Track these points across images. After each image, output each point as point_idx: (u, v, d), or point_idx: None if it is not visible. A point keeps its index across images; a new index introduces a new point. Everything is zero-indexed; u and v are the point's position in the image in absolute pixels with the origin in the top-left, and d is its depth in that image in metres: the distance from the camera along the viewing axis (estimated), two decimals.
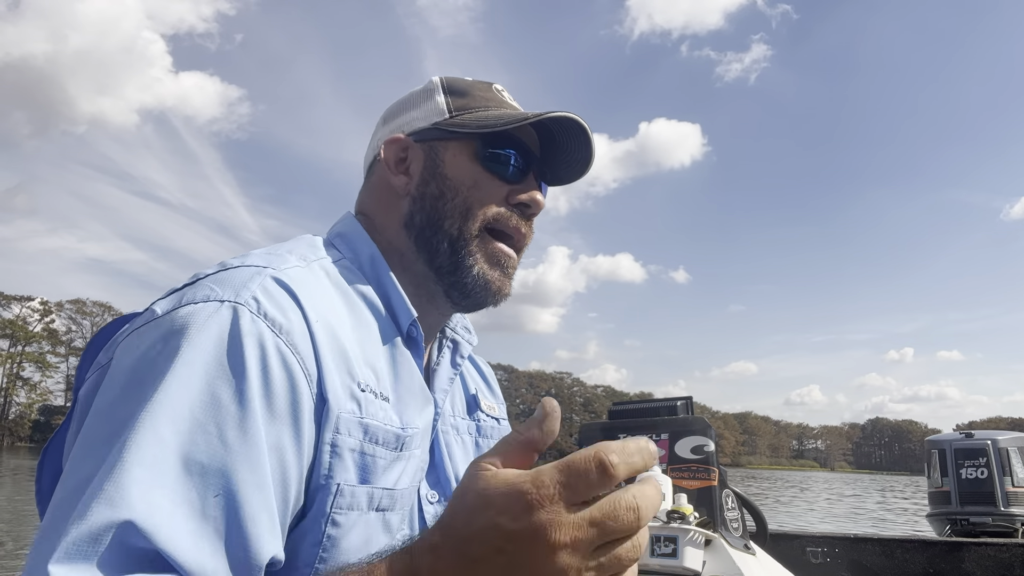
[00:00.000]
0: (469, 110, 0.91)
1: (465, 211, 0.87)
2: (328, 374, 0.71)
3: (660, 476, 2.02)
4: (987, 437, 9.42)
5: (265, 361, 0.66)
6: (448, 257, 0.87)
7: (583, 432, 2.43)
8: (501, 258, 0.89)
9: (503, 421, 1.07)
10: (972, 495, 9.21)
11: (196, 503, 0.58)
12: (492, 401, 1.08)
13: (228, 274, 0.72)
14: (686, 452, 2.13)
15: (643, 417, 2.29)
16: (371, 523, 0.74)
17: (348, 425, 0.72)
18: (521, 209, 0.90)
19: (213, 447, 0.60)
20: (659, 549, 1.74)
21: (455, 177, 0.88)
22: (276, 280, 0.72)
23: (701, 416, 2.18)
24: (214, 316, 0.66)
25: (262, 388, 0.65)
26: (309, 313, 0.72)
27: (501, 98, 0.95)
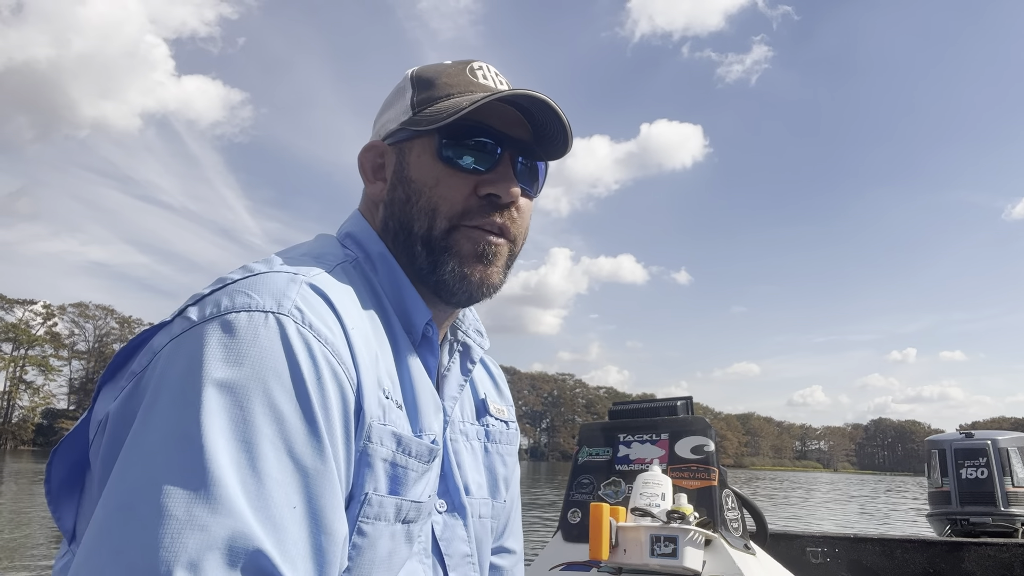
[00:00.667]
0: (432, 102, 0.85)
1: (431, 211, 0.83)
2: (365, 382, 0.70)
3: (660, 476, 2.02)
4: (987, 437, 9.42)
5: (318, 373, 0.65)
6: (425, 259, 0.84)
7: (583, 432, 2.44)
8: (479, 247, 0.83)
9: (512, 424, 1.06)
10: (972, 495, 9.20)
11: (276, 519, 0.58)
12: (501, 404, 1.06)
13: (261, 280, 0.69)
14: (686, 452, 2.13)
15: (643, 417, 2.29)
16: (396, 534, 0.74)
17: (380, 434, 0.71)
18: (491, 200, 0.84)
19: (283, 462, 0.60)
20: (659, 549, 1.75)
21: (419, 178, 0.85)
22: (312, 287, 0.71)
23: (701, 416, 2.19)
24: (263, 327, 0.64)
25: (320, 400, 0.64)
26: (346, 321, 0.71)
27: (471, 79, 0.87)
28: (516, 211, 0.86)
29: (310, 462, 0.62)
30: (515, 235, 0.87)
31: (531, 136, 0.87)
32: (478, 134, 0.84)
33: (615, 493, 2.20)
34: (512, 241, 0.87)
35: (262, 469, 0.58)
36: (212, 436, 0.57)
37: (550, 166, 0.93)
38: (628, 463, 2.23)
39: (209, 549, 0.53)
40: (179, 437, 0.57)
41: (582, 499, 2.24)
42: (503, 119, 0.85)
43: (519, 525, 1.10)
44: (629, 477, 2.14)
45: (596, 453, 2.32)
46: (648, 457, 2.19)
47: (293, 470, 0.60)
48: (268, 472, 0.58)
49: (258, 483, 0.58)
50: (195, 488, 0.55)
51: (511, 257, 0.88)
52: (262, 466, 0.58)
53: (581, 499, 2.24)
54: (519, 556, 1.09)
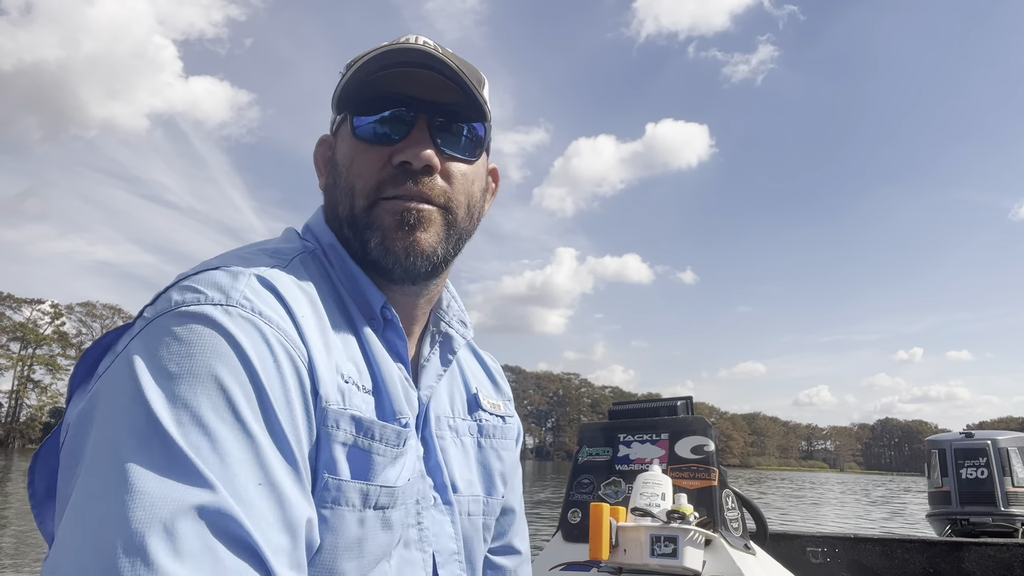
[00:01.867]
0: (346, 82, 0.84)
1: (350, 191, 0.83)
2: (318, 366, 0.71)
3: (660, 476, 2.02)
4: (987, 437, 9.42)
5: (272, 355, 0.67)
6: (355, 240, 0.83)
7: (583, 432, 2.43)
8: (400, 215, 0.81)
9: (510, 419, 1.04)
10: (972, 495, 9.21)
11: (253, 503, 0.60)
12: (497, 399, 1.04)
13: (211, 275, 0.72)
14: (686, 452, 2.13)
15: (643, 417, 2.29)
16: (367, 521, 0.73)
17: (337, 417, 0.72)
18: (404, 168, 0.81)
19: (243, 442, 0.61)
20: (659, 549, 1.75)
21: (341, 161, 0.84)
22: (259, 278, 0.72)
23: (701, 416, 2.19)
24: (213, 319, 0.66)
25: (274, 381, 0.66)
26: (295, 309, 0.72)
27: (384, 49, 0.83)
28: (443, 176, 0.83)
29: (266, 440, 0.63)
30: (446, 201, 0.83)
31: (456, 97, 0.83)
32: (388, 104, 0.82)
33: (615, 493, 2.20)
34: (444, 207, 0.83)
35: (224, 450, 0.60)
36: (171, 425, 0.59)
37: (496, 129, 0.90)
38: (628, 463, 2.23)
39: (182, 515, 0.55)
40: (142, 428, 0.59)
41: (582, 499, 2.24)
42: (420, 85, 0.82)
43: (524, 525, 1.09)
44: (629, 477, 2.14)
45: (596, 453, 2.32)
46: (648, 457, 2.19)
47: (252, 449, 0.61)
48: (229, 452, 0.60)
49: (222, 463, 0.59)
50: (163, 469, 0.57)
51: (452, 226, 0.85)
52: (224, 447, 0.60)
53: (581, 499, 2.24)
54: (525, 556, 1.08)
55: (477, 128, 0.87)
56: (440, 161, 0.82)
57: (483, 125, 0.87)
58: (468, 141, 0.86)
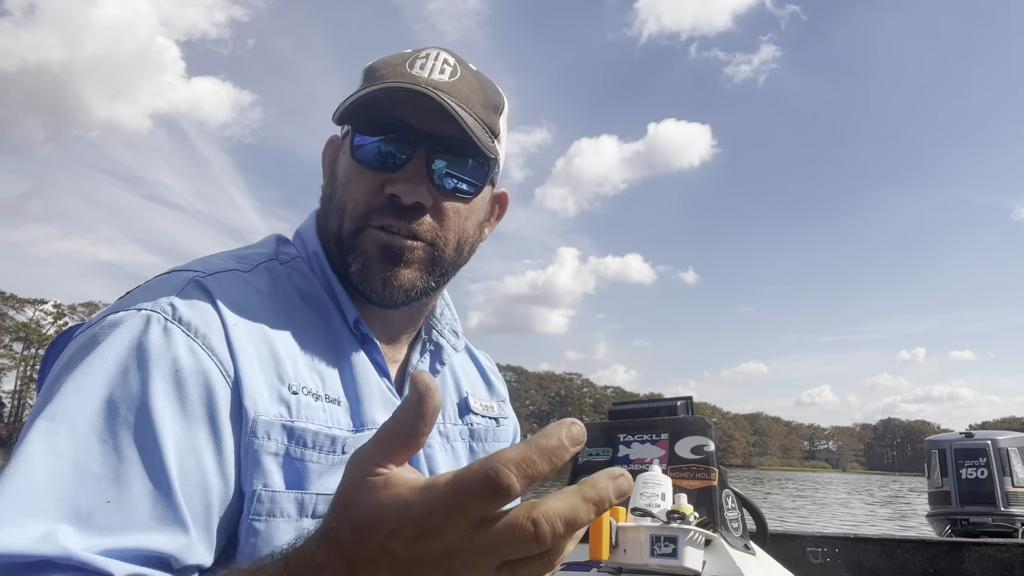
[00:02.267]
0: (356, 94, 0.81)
1: (341, 210, 0.82)
2: (246, 377, 0.70)
3: (660, 476, 2.02)
4: (987, 437, 9.41)
5: (176, 364, 0.66)
6: (339, 259, 0.83)
7: None
8: (383, 248, 0.80)
9: (504, 421, 1.03)
10: (972, 495, 9.20)
11: (83, 510, 0.58)
12: (490, 400, 1.03)
13: (156, 281, 0.73)
14: (686, 452, 2.13)
15: (643, 417, 2.29)
16: (306, 530, 0.72)
17: (267, 428, 0.70)
18: (393, 200, 0.79)
19: (107, 455, 0.60)
20: (659, 549, 1.74)
21: (340, 175, 0.84)
22: (198, 284, 0.73)
23: (701, 416, 2.18)
24: (125, 324, 0.67)
25: (171, 392, 0.65)
26: (227, 317, 0.71)
27: (400, 69, 0.80)
28: (433, 213, 0.81)
29: (133, 455, 0.61)
30: (433, 238, 0.82)
31: (459, 132, 0.79)
32: (389, 130, 0.79)
33: None
34: (431, 244, 0.82)
35: (81, 461, 0.59)
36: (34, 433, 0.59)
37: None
38: (628, 463, 2.23)
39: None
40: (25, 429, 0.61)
41: None
42: (425, 114, 0.79)
43: None
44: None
45: (596, 453, 2.32)
46: (648, 457, 2.19)
47: (111, 465, 0.60)
48: (82, 463, 0.59)
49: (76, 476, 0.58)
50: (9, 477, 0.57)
51: (436, 262, 0.83)
52: (81, 457, 0.59)
53: None
54: None
55: (481, 163, 0.83)
56: (433, 198, 0.80)
57: (488, 160, 0.84)
58: (468, 178, 0.83)
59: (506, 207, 0.96)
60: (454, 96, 0.79)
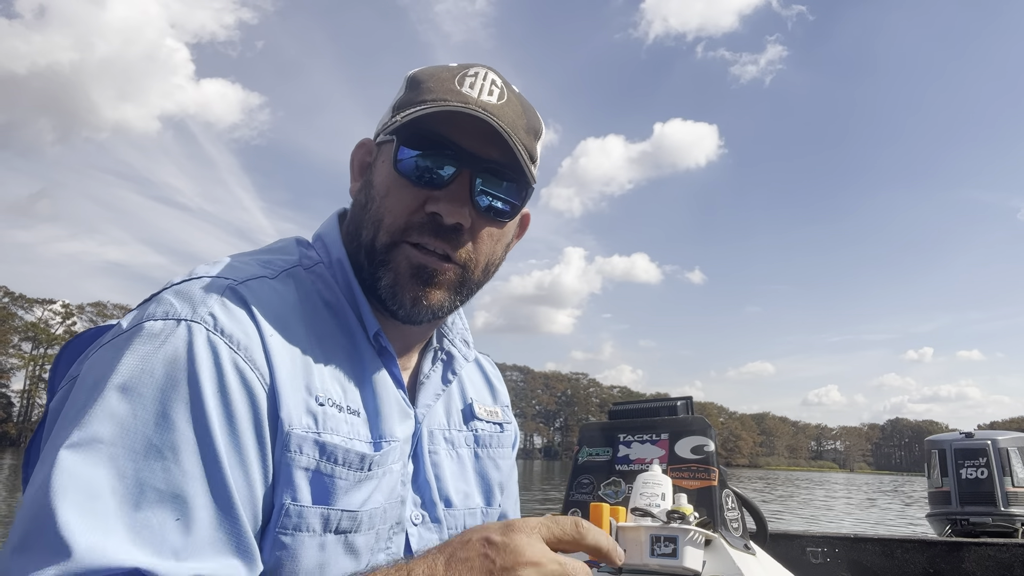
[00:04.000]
0: (407, 107, 0.80)
1: (377, 222, 0.81)
2: (282, 389, 0.70)
3: (660, 476, 2.02)
4: (987, 437, 9.41)
5: (223, 379, 0.66)
6: (368, 270, 0.82)
7: (583, 432, 2.43)
8: (416, 266, 0.80)
9: (508, 426, 1.03)
10: (972, 495, 9.20)
11: (156, 529, 0.59)
12: (493, 406, 1.03)
13: (188, 286, 0.72)
14: (686, 452, 2.13)
15: (643, 417, 2.29)
16: (328, 546, 0.73)
17: (300, 442, 0.71)
18: (435, 219, 0.79)
19: (170, 471, 0.60)
20: (659, 549, 1.74)
21: (378, 184, 0.83)
22: (234, 292, 0.72)
23: (701, 416, 2.18)
24: (171, 336, 0.66)
25: (221, 407, 0.65)
26: (264, 327, 0.71)
27: (453, 87, 0.80)
28: (469, 235, 0.81)
29: (196, 472, 0.62)
30: (466, 261, 0.82)
31: (503, 156, 0.80)
32: (436, 147, 0.79)
33: (615, 493, 2.20)
34: (463, 266, 0.82)
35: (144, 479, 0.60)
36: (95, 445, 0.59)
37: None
38: (628, 463, 2.23)
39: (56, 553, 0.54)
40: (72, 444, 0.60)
41: (582, 499, 2.23)
42: (472, 135, 0.79)
43: None
44: (629, 477, 2.13)
45: (596, 453, 2.32)
46: (648, 457, 2.19)
47: (175, 482, 0.61)
48: (146, 481, 0.60)
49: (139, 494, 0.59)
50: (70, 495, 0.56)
51: (464, 283, 0.84)
52: (144, 476, 0.60)
53: (581, 499, 2.24)
54: None
55: (520, 188, 0.84)
56: (472, 220, 0.81)
57: (528, 186, 0.84)
58: (506, 202, 0.84)
59: (527, 227, 0.97)
60: (502, 120, 0.79)
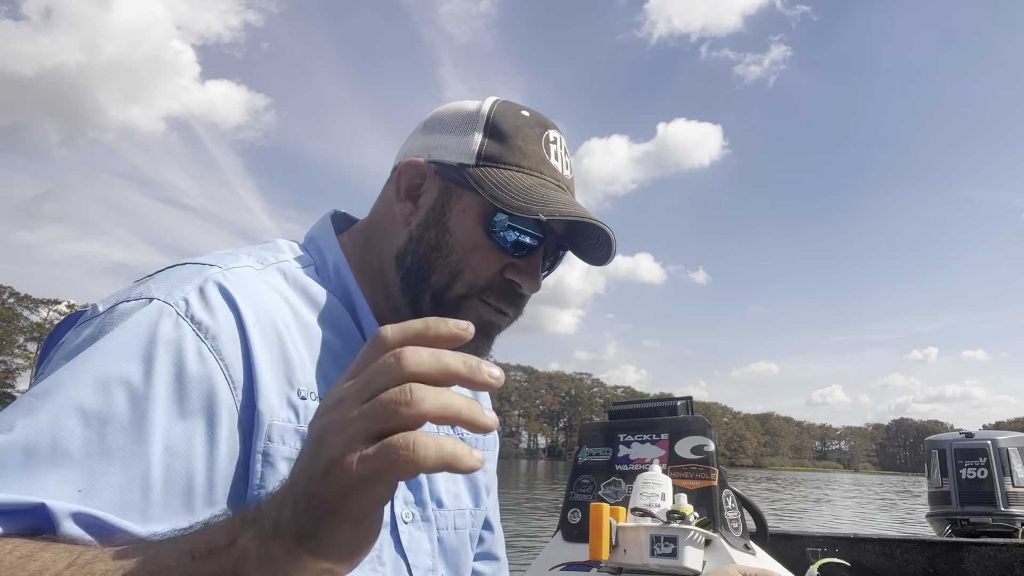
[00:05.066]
0: (499, 164, 0.82)
1: (456, 272, 0.82)
2: (260, 381, 0.70)
3: (660, 476, 2.02)
4: (987, 437, 9.42)
5: (180, 363, 0.65)
6: (429, 310, 0.83)
7: (583, 432, 2.43)
8: (485, 322, 0.84)
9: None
10: (972, 495, 9.21)
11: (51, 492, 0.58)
12: None
13: (172, 272, 0.72)
14: (686, 452, 2.13)
15: (643, 417, 2.29)
16: None
17: (282, 433, 0.70)
18: (512, 286, 0.84)
19: (90, 442, 0.60)
20: (659, 549, 1.74)
21: (457, 233, 0.82)
22: (216, 281, 0.71)
23: (701, 416, 2.18)
24: (135, 314, 0.66)
25: (172, 390, 0.64)
26: (246, 317, 0.71)
27: (544, 156, 0.84)
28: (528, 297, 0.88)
29: (121, 448, 0.61)
30: (518, 315, 0.88)
31: (567, 230, 0.88)
32: (532, 226, 0.83)
33: (615, 493, 2.20)
34: (512, 319, 0.88)
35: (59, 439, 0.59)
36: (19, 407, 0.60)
37: None
38: (628, 463, 2.23)
39: None
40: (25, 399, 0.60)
41: (582, 499, 2.23)
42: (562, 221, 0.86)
43: (501, 532, 1.11)
44: (629, 477, 2.13)
45: (596, 453, 2.32)
46: (648, 457, 2.19)
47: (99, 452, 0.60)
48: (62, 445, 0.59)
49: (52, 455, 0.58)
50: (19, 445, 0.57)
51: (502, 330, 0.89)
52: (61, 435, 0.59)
53: (581, 499, 2.24)
54: (503, 563, 1.10)
55: (563, 255, 0.92)
56: None
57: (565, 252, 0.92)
58: (555, 267, 0.92)
59: None
60: (572, 195, 0.88)
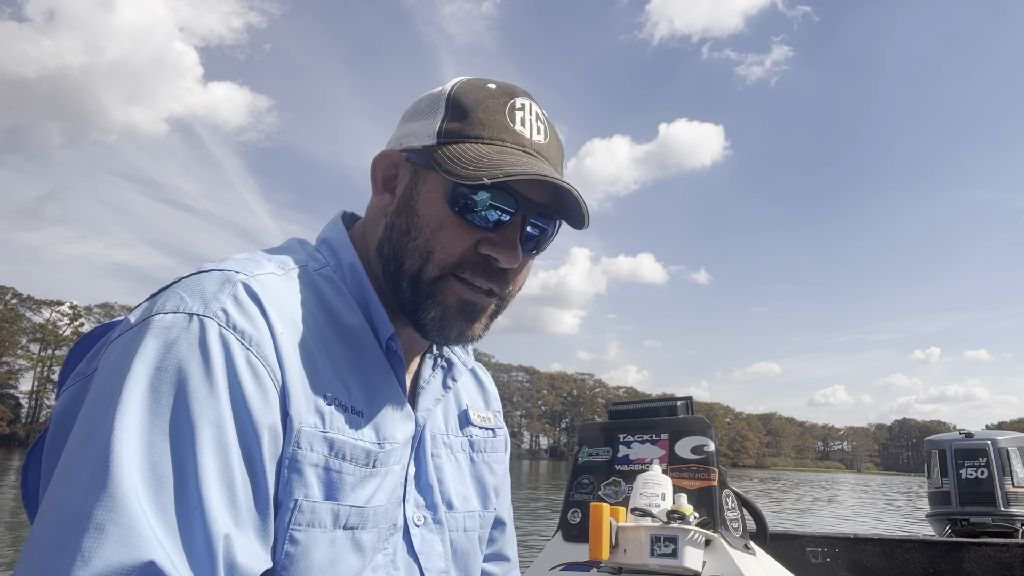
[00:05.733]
0: (459, 138, 0.80)
1: (426, 254, 0.80)
2: (292, 386, 0.70)
3: (660, 476, 2.02)
4: (987, 437, 9.42)
5: (236, 375, 0.66)
6: (408, 296, 0.82)
7: (583, 432, 2.43)
8: (465, 302, 0.81)
9: (499, 431, 1.04)
10: (972, 495, 9.21)
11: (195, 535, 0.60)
12: (486, 412, 1.04)
13: (199, 280, 0.71)
14: (686, 452, 2.13)
15: (643, 417, 2.29)
16: (338, 541, 0.73)
17: (310, 439, 0.71)
18: (488, 261, 0.80)
19: (192, 469, 0.61)
20: (659, 549, 1.74)
21: (424, 215, 0.81)
22: (246, 288, 0.71)
23: (701, 416, 2.18)
24: (183, 332, 0.66)
25: (235, 404, 0.65)
26: (275, 323, 0.71)
27: (506, 124, 0.81)
28: (513, 273, 0.84)
29: (216, 465, 0.62)
30: (505, 294, 0.85)
31: (550, 199, 0.81)
32: (496, 194, 0.79)
33: (615, 493, 2.20)
34: (501, 298, 0.85)
35: (164, 472, 0.60)
36: (119, 441, 0.59)
37: None
38: (628, 463, 2.23)
39: (100, 549, 0.55)
40: (92, 440, 0.60)
41: (582, 499, 2.23)
42: (529, 184, 0.79)
43: (513, 532, 1.10)
44: (629, 477, 2.13)
45: (596, 453, 2.32)
46: (648, 457, 2.19)
47: (196, 473, 0.61)
48: (168, 475, 0.60)
49: (159, 486, 0.59)
50: (96, 490, 0.57)
51: (497, 312, 0.86)
52: (163, 469, 0.60)
53: (581, 499, 2.24)
54: (514, 563, 1.09)
55: (558, 225, 0.86)
56: (519, 260, 0.82)
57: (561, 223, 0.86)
58: (545, 240, 0.86)
59: None
60: (550, 161, 0.82)
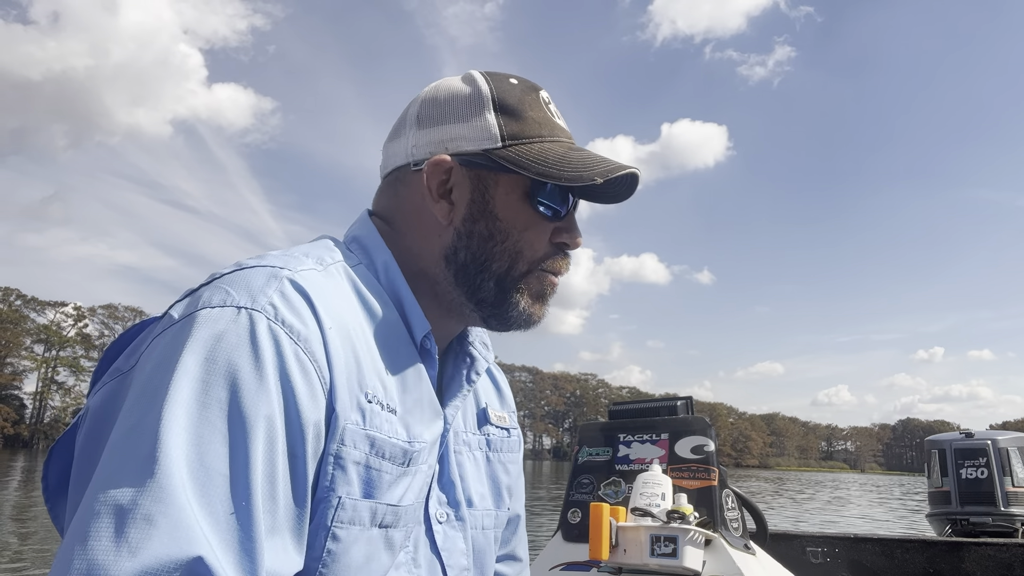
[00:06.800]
0: (524, 139, 0.84)
1: (516, 253, 0.84)
2: (338, 382, 0.70)
3: (660, 476, 2.02)
4: (987, 437, 9.43)
5: (286, 370, 0.65)
6: (494, 295, 0.85)
7: (583, 432, 2.43)
8: (544, 289, 0.88)
9: (514, 431, 1.04)
10: (972, 495, 9.21)
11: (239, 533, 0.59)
12: (502, 411, 1.04)
13: (244, 275, 0.70)
14: (686, 452, 2.13)
15: (643, 417, 2.29)
16: (373, 539, 0.73)
17: (354, 437, 0.70)
18: (561, 248, 0.88)
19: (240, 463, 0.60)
20: (659, 549, 1.74)
21: (506, 218, 0.83)
22: (293, 283, 0.70)
23: (701, 416, 2.18)
24: (233, 323, 0.65)
25: (284, 399, 0.65)
26: (324, 319, 0.70)
27: (549, 118, 0.87)
28: None
29: (262, 461, 0.62)
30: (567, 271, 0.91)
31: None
32: (571, 190, 0.87)
33: (615, 493, 2.20)
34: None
35: (212, 465, 0.59)
36: (168, 432, 0.58)
37: None
38: (628, 463, 2.23)
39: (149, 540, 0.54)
40: (139, 431, 0.59)
41: (582, 499, 2.23)
42: None
43: (524, 532, 1.10)
44: (629, 477, 2.14)
45: (596, 453, 2.32)
46: (648, 457, 2.19)
47: (244, 468, 0.61)
48: (217, 469, 0.59)
49: (207, 479, 0.59)
50: (144, 481, 0.56)
51: None
52: (211, 462, 0.59)
53: (581, 499, 2.24)
54: (524, 564, 1.09)
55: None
56: None
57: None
58: None
59: None
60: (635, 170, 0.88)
